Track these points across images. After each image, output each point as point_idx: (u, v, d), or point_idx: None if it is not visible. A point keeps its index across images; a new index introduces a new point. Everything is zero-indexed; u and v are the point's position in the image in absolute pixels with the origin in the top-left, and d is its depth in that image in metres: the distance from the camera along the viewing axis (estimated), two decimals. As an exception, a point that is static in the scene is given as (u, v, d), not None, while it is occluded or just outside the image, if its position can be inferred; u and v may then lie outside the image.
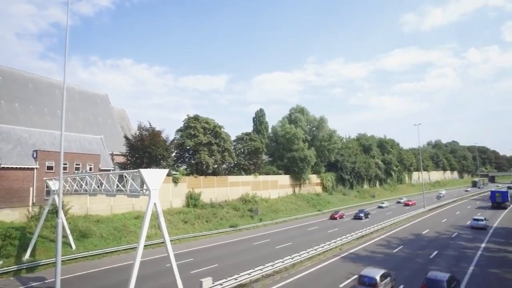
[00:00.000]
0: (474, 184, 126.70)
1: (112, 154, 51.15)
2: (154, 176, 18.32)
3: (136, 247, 18.82)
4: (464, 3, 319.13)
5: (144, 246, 29.89)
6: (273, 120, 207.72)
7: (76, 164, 41.83)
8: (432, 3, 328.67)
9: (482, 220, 44.45)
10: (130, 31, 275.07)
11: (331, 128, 79.27)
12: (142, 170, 17.94)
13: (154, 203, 18.08)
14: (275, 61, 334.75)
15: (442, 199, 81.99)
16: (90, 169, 42.83)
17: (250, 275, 22.48)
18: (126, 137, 44.99)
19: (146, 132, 43.90)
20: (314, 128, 79.01)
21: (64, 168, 40.70)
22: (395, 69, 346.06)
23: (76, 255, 28.67)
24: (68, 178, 27.92)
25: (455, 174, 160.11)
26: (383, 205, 69.08)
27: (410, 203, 71.97)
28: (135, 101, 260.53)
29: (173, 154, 50.54)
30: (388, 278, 20.53)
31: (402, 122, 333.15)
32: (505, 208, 63.18)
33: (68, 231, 30.18)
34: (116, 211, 38.23)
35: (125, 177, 19.91)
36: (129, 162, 43.54)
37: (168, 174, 43.80)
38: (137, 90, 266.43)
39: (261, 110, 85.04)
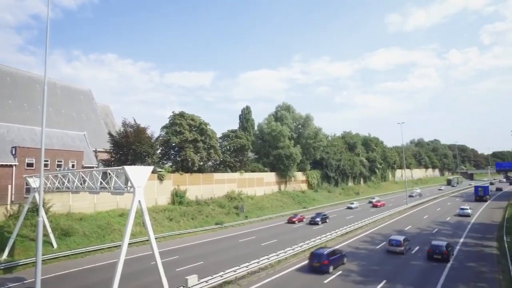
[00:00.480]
0: (449, 182, 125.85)
1: (95, 151, 50.13)
2: (139, 173, 18.08)
3: (120, 245, 18.54)
4: (446, 5, 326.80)
5: (129, 244, 29.51)
6: (259, 117, 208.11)
7: (58, 161, 40.82)
8: (415, 4, 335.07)
9: (467, 209, 53.16)
10: (115, 25, 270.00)
11: (316, 126, 79.98)
12: (127, 167, 17.67)
13: (139, 201, 17.84)
14: (261, 58, 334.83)
15: (416, 198, 77.07)
16: (73, 166, 41.90)
17: (236, 272, 22.53)
18: (110, 134, 44.20)
19: (131, 128, 43.22)
20: (300, 126, 79.52)
21: (45, 165, 39.64)
22: (380, 68, 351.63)
23: (57, 254, 28.01)
24: (50, 175, 27.22)
25: (437, 171, 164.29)
26: (352, 205, 63.68)
27: (378, 204, 66.00)
28: (120, 97, 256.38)
29: (158, 151, 50.00)
30: (408, 242, 31.15)
31: (386, 121, 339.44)
32: (486, 200, 71.55)
33: (49, 230, 29.47)
34: (99, 208, 37.56)
35: (109, 174, 19.55)
36: (113, 159, 42.79)
37: (153, 171, 43.31)
38: (121, 86, 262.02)
39: (247, 108, 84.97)
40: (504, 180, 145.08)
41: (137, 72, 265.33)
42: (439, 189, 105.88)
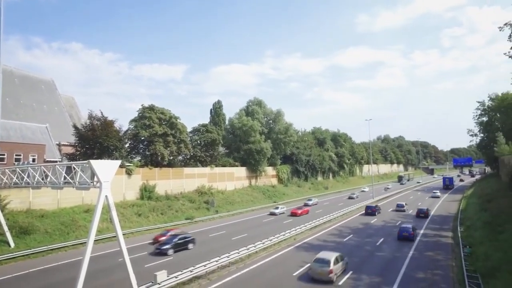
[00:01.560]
0: (400, 179, 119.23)
1: (59, 145, 47.85)
2: (106, 168, 17.50)
3: (86, 242, 17.90)
4: (410, 8, 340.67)
5: (95, 240, 28.58)
6: (230, 112, 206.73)
7: (16, 155, 38.56)
8: (383, 5, 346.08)
9: (437, 192, 75.51)
10: (80, 12, 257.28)
11: (287, 121, 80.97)
12: (93, 161, 17.05)
13: (106, 196, 17.28)
14: (233, 53, 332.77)
15: (357, 200, 67.72)
16: (34, 160, 39.75)
17: (206, 267, 22.51)
18: (75, 127, 42.34)
19: (98, 121, 41.63)
20: (271, 121, 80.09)
21: (1, 159, 37.48)
22: (349, 66, 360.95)
23: (15, 253, 26.35)
24: (6, 170, 25.68)
25: (401, 167, 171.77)
26: (276, 210, 50.66)
27: (299, 212, 48.78)
28: (86, 88, 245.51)
29: (127, 145, 48.61)
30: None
31: (355, 117, 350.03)
32: (451, 188, 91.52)
33: (5, 228, 27.75)
34: (63, 204, 35.95)
35: (74, 168, 18.78)
36: (78, 153, 41.07)
37: (121, 166, 42.08)
38: (88, 77, 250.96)
39: (218, 102, 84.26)
40: (467, 173, 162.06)
41: (104, 63, 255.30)
42: (386, 188, 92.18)
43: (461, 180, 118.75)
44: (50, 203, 34.90)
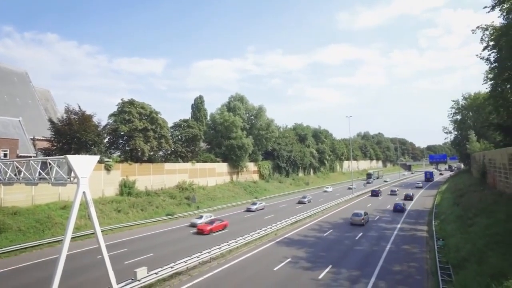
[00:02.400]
0: (369, 177, 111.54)
1: (33, 139, 46.14)
2: (84, 163, 17.04)
3: (62, 240, 17.42)
4: (390, 8, 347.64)
5: (73, 237, 27.93)
6: (212, 107, 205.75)
7: (-13, 150, 36.94)
8: (363, 4, 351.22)
9: (420, 183, 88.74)
10: (55, 2, 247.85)
11: (269, 117, 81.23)
12: (70, 157, 16.57)
13: (84, 192, 16.84)
14: (215, 48, 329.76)
15: (307, 205, 55.82)
16: (5, 155, 38.14)
17: (187, 263, 22.42)
18: (51, 121, 40.91)
19: (75, 116, 40.40)
20: (252, 117, 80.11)
21: (-28, 154, 35.83)
22: (330, 63, 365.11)
23: (-16, 253, 25.36)
24: (-23, 165, 24.56)
25: (380, 163, 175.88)
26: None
27: (207, 228, 34.31)
28: (63, 82, 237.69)
29: (106, 140, 47.48)
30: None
31: (335, 114, 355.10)
32: (432, 180, 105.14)
33: (-26, 226, 26.64)
34: (38, 201, 34.79)
35: (50, 164, 18.17)
36: (54, 148, 39.77)
37: (100, 161, 41.11)
38: (65, 70, 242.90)
39: (200, 97, 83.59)
40: (447, 168, 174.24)
41: (82, 56, 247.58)
42: (349, 188, 77.81)
43: (441, 174, 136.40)
44: (23, 200, 33.69)
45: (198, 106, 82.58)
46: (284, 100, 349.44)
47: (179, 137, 61.45)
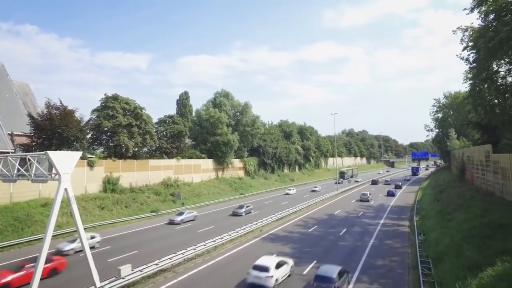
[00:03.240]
0: (342, 176, 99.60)
1: (11, 134, 44.67)
2: (65, 159, 16.71)
3: (43, 238, 17.04)
4: (375, 7, 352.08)
5: (55, 235, 27.41)
6: (197, 103, 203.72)
7: (-38, 145, 35.64)
8: (349, 3, 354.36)
9: (408, 177, 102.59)
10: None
11: (254, 114, 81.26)
12: (50, 152, 16.20)
13: (65, 189, 16.52)
14: (201, 43, 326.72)
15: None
16: (-17, 151, 36.95)
17: (172, 260, 22.32)
18: (30, 115, 39.73)
19: (57, 110, 39.37)
20: (238, 113, 79.95)
21: None
22: (316, 60, 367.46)
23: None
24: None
25: (364, 160, 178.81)
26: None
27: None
28: (43, 75, 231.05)
29: (89, 136, 46.55)
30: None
31: (321, 111, 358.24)
32: (417, 175, 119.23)
33: None
34: (17, 199, 33.78)
35: (29, 160, 17.70)
36: (34, 143, 38.68)
37: (83, 157, 40.19)
38: (45, 63, 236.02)
39: (185, 93, 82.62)
40: (433, 163, 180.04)
41: (64, 49, 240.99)
42: (313, 190, 69.91)
43: (426, 169, 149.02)
44: (1, 197, 32.62)
45: (183, 102, 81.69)
46: (270, 96, 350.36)
47: (164, 133, 60.80)
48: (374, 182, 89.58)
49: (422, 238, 28.37)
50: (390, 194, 63.36)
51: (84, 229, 18.29)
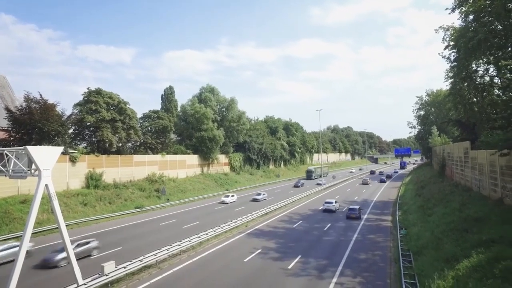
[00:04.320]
0: (309, 176, 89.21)
1: (-12, 129, 43.22)
2: (46, 154, 16.31)
3: (22, 235, 16.61)
4: (360, 5, 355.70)
5: (35, 233, 26.81)
6: (183, 98, 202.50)
7: None
8: (335, 0, 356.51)
9: (397, 170, 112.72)
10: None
11: (240, 110, 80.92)
12: (30, 147, 15.78)
13: (46, 185, 16.15)
14: (187, 38, 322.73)
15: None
16: (-42, 145, 35.63)
17: (156, 256, 22.19)
18: (7, 109, 38.41)
19: (36, 104, 38.21)
20: (223, 109, 79.54)
21: None
22: (302, 57, 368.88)
23: None
24: None
25: (348, 156, 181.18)
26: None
27: None
28: (21, 68, 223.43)
29: (71, 131, 45.48)
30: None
31: (307, 107, 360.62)
32: (405, 168, 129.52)
33: None
34: (-5, 195, 32.81)
35: (7, 155, 17.18)
36: (12, 138, 37.48)
37: (64, 153, 39.33)
38: (23, 55, 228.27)
39: (170, 88, 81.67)
40: (421, 159, 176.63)
41: (43, 41, 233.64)
42: (254, 198, 52.74)
43: (414, 163, 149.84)
44: (-21, 193, 31.66)
45: (168, 97, 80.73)
46: (256, 93, 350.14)
47: (149, 129, 60.03)
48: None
49: (403, 232, 29.07)
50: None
51: (66, 226, 17.95)
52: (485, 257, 15.84)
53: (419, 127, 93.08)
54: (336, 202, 44.24)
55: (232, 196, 52.54)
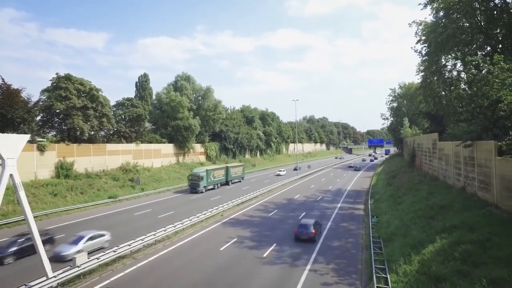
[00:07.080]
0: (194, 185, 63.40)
1: None
2: (10, 142, 15.58)
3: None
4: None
5: (-1, 224, 25.64)
6: (158, 87, 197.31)
7: None
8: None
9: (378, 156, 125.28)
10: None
11: (216, 99, 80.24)
12: (-7, 136, 15.01)
13: (11, 174, 15.45)
14: (162, 24, 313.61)
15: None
16: None
17: (131, 246, 21.93)
18: (-33, 94, 36.26)
19: (-1, 90, 36.27)
20: (199, 98, 78.58)
21: None
22: (280, 47, 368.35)
23: None
24: None
25: (324, 146, 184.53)
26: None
27: None
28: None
29: (38, 118, 43.57)
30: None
31: (283, 97, 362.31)
32: (388, 154, 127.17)
33: None
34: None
35: (-32, 143, 16.25)
36: (-27, 126, 35.49)
37: (31, 141, 37.67)
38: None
39: (145, 75, 79.57)
40: (396, 149, 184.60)
41: (5, 22, 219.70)
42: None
43: (386, 154, 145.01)
44: None
45: (142, 84, 78.67)
46: (233, 82, 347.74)
47: (123, 117, 58.48)
48: None
49: (375, 220, 30.14)
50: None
51: (35, 217, 17.32)
52: (447, 242, 16.82)
53: (392, 119, 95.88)
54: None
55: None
